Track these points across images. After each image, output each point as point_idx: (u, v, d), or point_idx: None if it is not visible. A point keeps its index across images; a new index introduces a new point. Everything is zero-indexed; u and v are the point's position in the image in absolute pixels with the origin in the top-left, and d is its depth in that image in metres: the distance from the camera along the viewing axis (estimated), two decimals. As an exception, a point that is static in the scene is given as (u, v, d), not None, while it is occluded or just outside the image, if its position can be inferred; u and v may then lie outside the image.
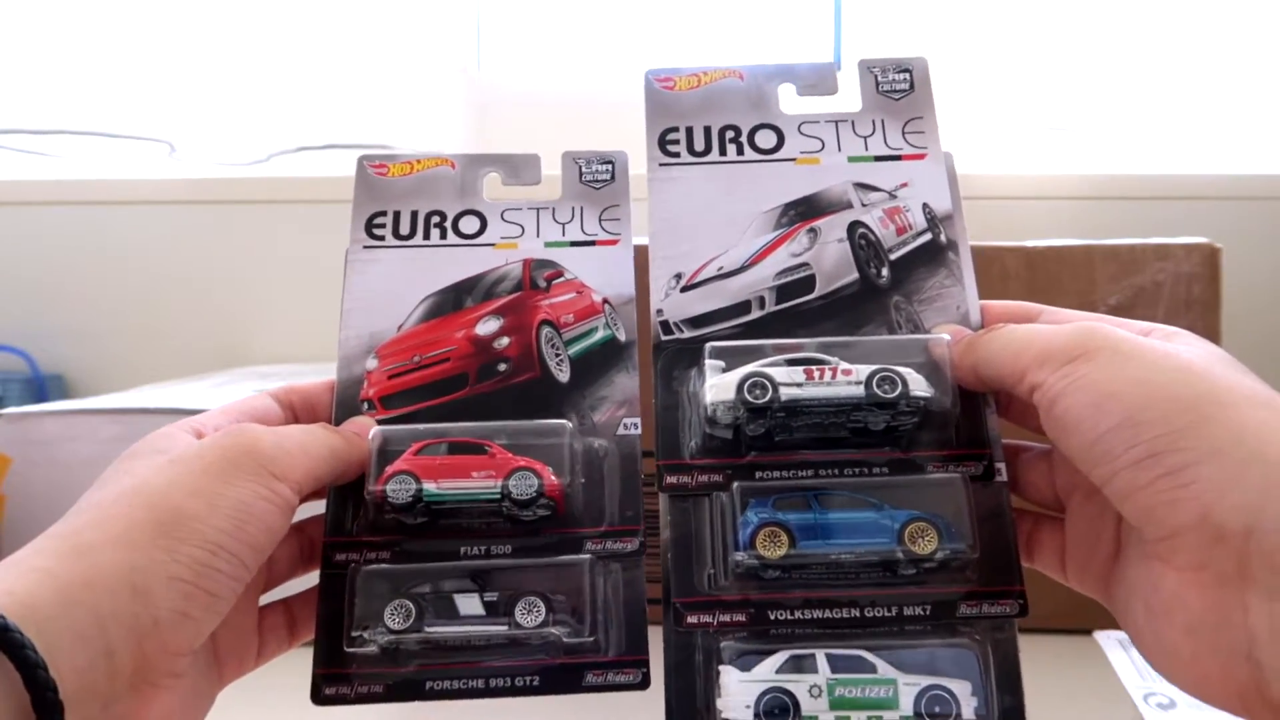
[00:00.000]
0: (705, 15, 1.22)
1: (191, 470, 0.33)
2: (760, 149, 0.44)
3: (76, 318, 1.09)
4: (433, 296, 0.44)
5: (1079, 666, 0.59)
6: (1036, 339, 0.34)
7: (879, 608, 0.36)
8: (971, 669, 0.35)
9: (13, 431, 0.70)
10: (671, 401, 0.40)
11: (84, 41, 1.13)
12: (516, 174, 0.46)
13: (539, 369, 0.43)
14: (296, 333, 1.07)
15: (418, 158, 0.46)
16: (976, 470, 0.38)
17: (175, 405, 0.72)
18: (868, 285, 0.42)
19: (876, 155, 0.43)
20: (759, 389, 0.37)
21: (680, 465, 0.38)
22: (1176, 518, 0.29)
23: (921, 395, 0.36)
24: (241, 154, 1.14)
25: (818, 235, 0.42)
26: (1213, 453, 0.29)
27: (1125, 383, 0.31)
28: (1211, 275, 0.67)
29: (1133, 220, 0.94)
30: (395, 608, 0.37)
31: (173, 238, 1.08)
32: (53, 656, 0.27)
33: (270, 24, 1.13)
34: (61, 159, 1.13)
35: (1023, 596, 0.36)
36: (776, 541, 0.35)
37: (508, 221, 0.45)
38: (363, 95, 1.13)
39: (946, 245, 0.42)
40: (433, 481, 0.38)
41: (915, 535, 0.35)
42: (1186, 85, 1.10)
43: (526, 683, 0.37)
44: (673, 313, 0.41)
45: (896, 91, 0.44)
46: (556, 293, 0.44)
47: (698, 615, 0.36)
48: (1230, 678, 0.29)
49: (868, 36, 1.19)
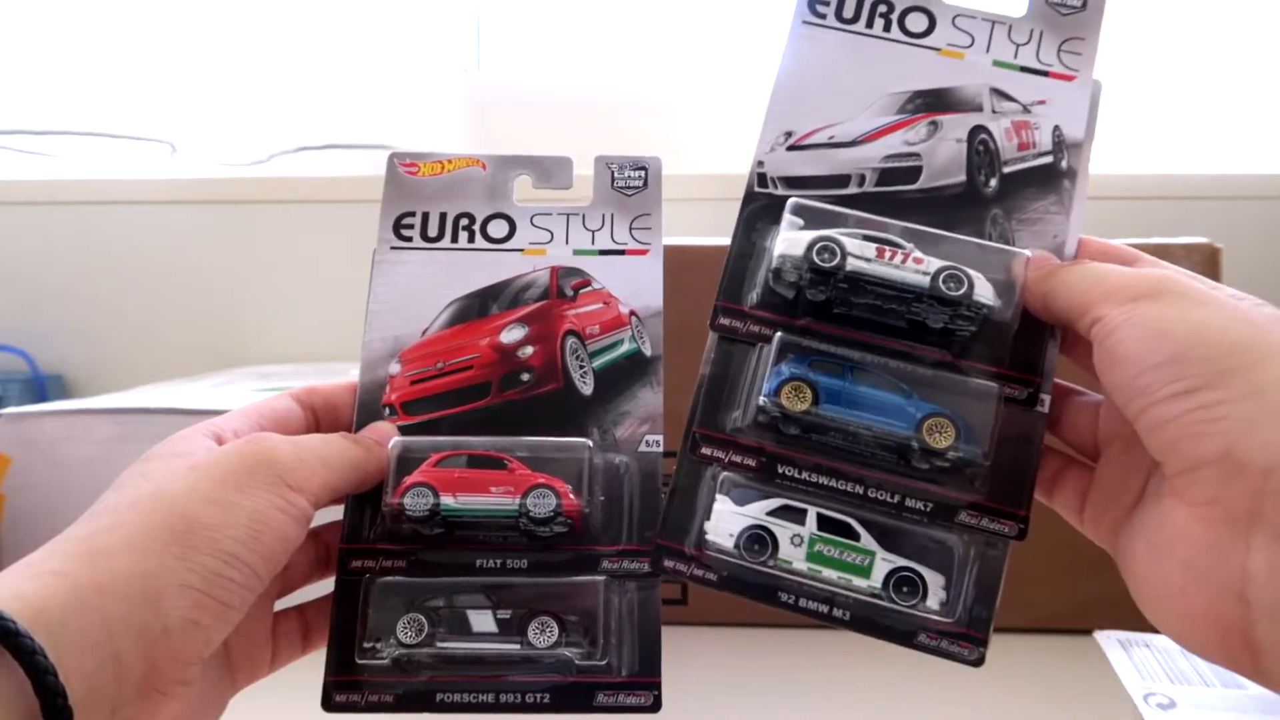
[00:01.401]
0: (705, 15, 1.22)
1: (209, 478, 0.34)
2: (909, 31, 0.42)
3: (76, 318, 1.09)
4: (458, 301, 0.44)
5: (1079, 666, 0.59)
6: (1110, 276, 0.34)
7: (884, 492, 0.37)
8: (949, 565, 0.36)
9: (13, 431, 0.70)
10: (746, 250, 0.40)
11: (84, 41, 1.12)
12: (548, 177, 0.46)
13: (562, 380, 0.42)
14: (296, 333, 1.07)
15: (449, 158, 0.46)
16: (1020, 394, 0.38)
17: (175, 405, 0.72)
18: (972, 190, 0.41)
19: (1023, 66, 0.42)
20: (828, 253, 0.37)
21: (736, 310, 0.39)
22: (1200, 450, 0.30)
23: (985, 302, 0.37)
24: (242, 154, 1.14)
25: (937, 129, 0.41)
26: (1251, 393, 0.29)
27: (1181, 322, 0.31)
28: (1211, 275, 0.67)
29: (1133, 220, 0.94)
30: (408, 621, 0.37)
31: (173, 238, 1.08)
32: (61, 661, 0.27)
33: (270, 24, 1.13)
34: (62, 159, 1.13)
35: (1025, 521, 0.37)
36: (800, 396, 0.36)
37: (537, 227, 0.45)
38: (363, 95, 1.13)
39: (1064, 172, 0.41)
40: (450, 495, 0.38)
41: (933, 428, 0.36)
42: (1186, 85, 1.10)
43: (537, 699, 0.37)
44: (773, 168, 0.41)
45: (1067, 6, 0.42)
46: (583, 302, 0.44)
47: (712, 449, 0.38)
48: (1217, 616, 0.29)
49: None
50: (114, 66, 1.13)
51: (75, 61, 1.13)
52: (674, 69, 1.22)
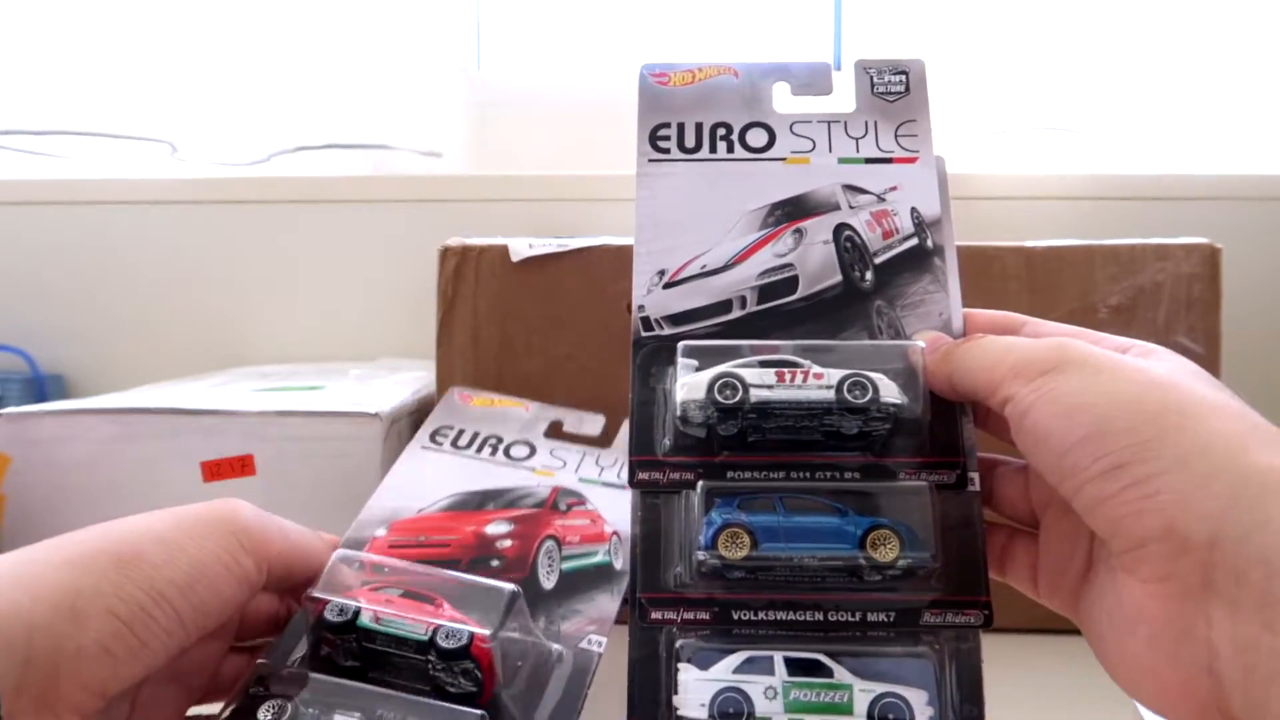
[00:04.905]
0: (705, 16, 1.22)
1: (165, 521, 0.34)
2: (751, 147, 0.43)
3: (76, 318, 1.09)
4: (457, 495, 0.47)
5: (1079, 666, 0.58)
6: (1011, 352, 0.34)
7: (843, 612, 0.36)
8: (929, 679, 0.35)
9: (13, 431, 0.70)
10: (647, 398, 0.39)
11: (84, 41, 1.12)
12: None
13: (529, 571, 0.44)
14: (296, 333, 1.07)
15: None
16: (949, 479, 0.37)
17: (175, 405, 0.72)
18: (851, 288, 0.41)
19: (867, 157, 0.43)
20: (729, 389, 0.37)
21: (652, 462, 0.38)
22: (1142, 528, 0.29)
23: (892, 402, 0.36)
24: (242, 154, 1.14)
25: (803, 236, 0.42)
26: (1178, 463, 0.29)
27: (1094, 395, 0.31)
28: (1211, 275, 0.67)
29: (1133, 220, 0.94)
30: None
31: (173, 238, 1.08)
32: None
33: (270, 24, 1.13)
34: (62, 159, 1.13)
35: (988, 607, 0.36)
36: (738, 543, 0.35)
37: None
38: (363, 95, 1.13)
39: (932, 250, 0.42)
40: (371, 611, 0.37)
41: (877, 542, 0.35)
42: (1186, 85, 1.10)
43: None
44: (654, 308, 0.41)
45: (891, 94, 0.44)
46: (572, 517, 0.47)
47: (662, 611, 0.36)
48: (1191, 692, 0.29)
49: (868, 37, 1.19)
50: (114, 66, 1.13)
51: (75, 61, 1.13)
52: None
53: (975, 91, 1.12)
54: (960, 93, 1.12)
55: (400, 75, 1.14)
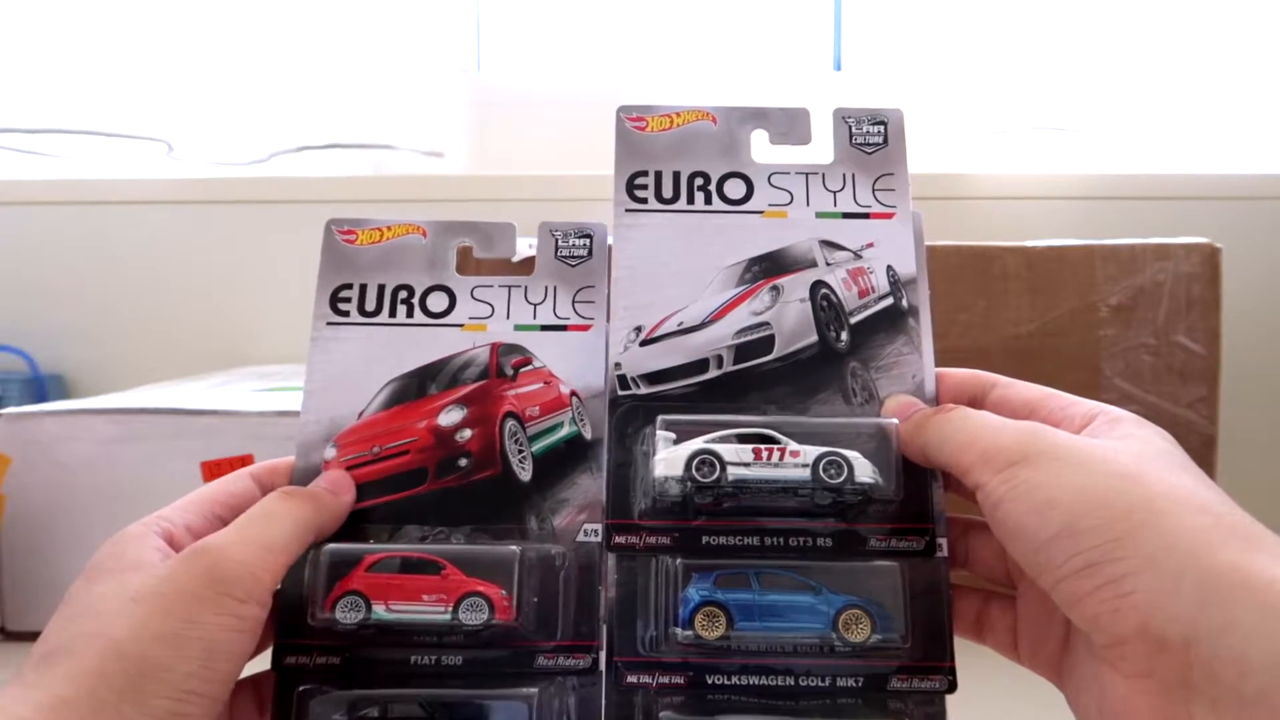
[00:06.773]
0: (705, 16, 1.22)
1: (155, 611, 0.33)
2: (729, 199, 0.43)
3: (76, 318, 1.09)
4: (396, 381, 0.43)
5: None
6: (980, 437, 0.35)
7: (813, 678, 0.37)
8: None
9: (13, 431, 0.70)
10: (625, 459, 0.39)
11: (83, 41, 1.12)
12: (490, 245, 0.45)
13: (500, 465, 0.41)
14: (296, 333, 1.06)
15: (388, 224, 0.44)
16: (918, 544, 0.38)
17: (175, 405, 0.72)
18: (826, 348, 0.41)
19: (845, 212, 0.43)
20: (707, 466, 0.37)
21: (629, 525, 0.38)
22: (1120, 627, 0.30)
23: (866, 482, 0.37)
24: (241, 154, 1.14)
25: (780, 294, 0.42)
26: (1148, 562, 0.29)
27: (1064, 490, 0.32)
28: (1211, 275, 0.67)
29: (1133, 220, 0.94)
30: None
31: (172, 238, 1.08)
32: None
33: (270, 23, 1.13)
34: (60, 159, 1.13)
35: (952, 673, 0.37)
36: (715, 622, 0.36)
37: (477, 300, 0.44)
38: (363, 95, 1.13)
39: (907, 311, 0.41)
40: (383, 603, 0.37)
41: (849, 622, 0.36)
42: (1186, 85, 1.10)
43: None
44: (630, 367, 0.41)
45: (870, 145, 0.43)
46: (523, 382, 0.43)
47: (638, 675, 0.37)
48: None
49: (868, 38, 1.19)
50: (112, 66, 1.13)
51: (74, 61, 1.12)
52: (674, 70, 1.22)
53: (975, 91, 1.12)
54: (960, 93, 1.12)
55: (401, 76, 1.14)
